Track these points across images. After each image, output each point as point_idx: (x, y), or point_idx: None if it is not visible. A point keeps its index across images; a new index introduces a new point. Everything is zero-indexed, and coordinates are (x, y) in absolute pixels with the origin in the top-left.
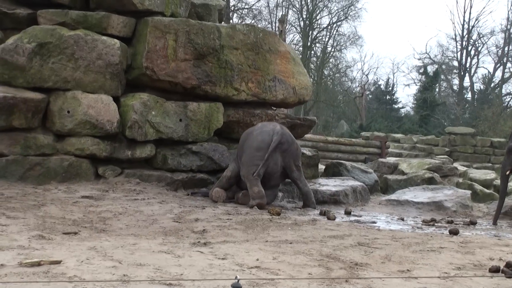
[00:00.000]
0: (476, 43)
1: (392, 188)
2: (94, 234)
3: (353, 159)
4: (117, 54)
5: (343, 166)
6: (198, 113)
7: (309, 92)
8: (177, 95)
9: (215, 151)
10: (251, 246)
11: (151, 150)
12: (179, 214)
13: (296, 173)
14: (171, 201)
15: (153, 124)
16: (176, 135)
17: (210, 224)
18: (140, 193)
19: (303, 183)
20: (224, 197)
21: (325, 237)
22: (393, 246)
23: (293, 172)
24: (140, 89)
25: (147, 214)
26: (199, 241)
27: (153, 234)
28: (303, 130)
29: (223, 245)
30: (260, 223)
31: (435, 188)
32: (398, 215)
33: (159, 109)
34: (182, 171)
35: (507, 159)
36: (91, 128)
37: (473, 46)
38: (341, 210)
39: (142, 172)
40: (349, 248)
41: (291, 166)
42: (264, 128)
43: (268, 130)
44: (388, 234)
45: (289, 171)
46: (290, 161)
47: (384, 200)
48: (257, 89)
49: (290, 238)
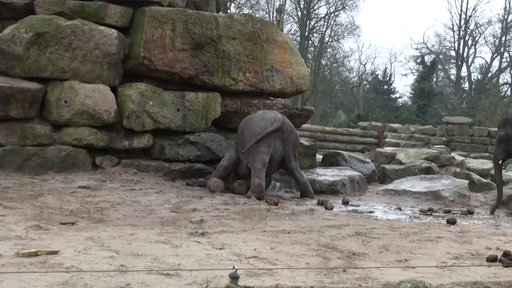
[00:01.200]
0: (473, 33)
1: (389, 178)
2: (92, 224)
3: (351, 149)
4: (115, 44)
5: (340, 156)
6: (195, 103)
7: (307, 82)
8: (175, 85)
9: (213, 141)
10: (248, 236)
11: (149, 140)
12: (177, 204)
13: (294, 163)
14: (169, 191)
15: (150, 114)
16: (174, 125)
17: (207, 214)
18: (138, 183)
19: (300, 173)
20: (222, 187)
21: (322, 227)
22: (390, 236)
23: (291, 162)
24: (137, 79)
25: (145, 204)
26: (196, 231)
27: (150, 224)
28: (300, 120)
29: (220, 235)
30: (257, 213)
31: (433, 178)
32: (396, 204)
33: (157, 99)
34: (179, 161)
35: (498, 148)
36: (88, 118)
37: (470, 36)
38: (338, 200)
39: (139, 162)
40: (347, 238)
41: (290, 156)
42: (266, 115)
43: (269, 117)
44: (386, 224)
45: (288, 160)
46: (289, 150)
47: (382, 190)
48: (255, 79)
49: (287, 228)
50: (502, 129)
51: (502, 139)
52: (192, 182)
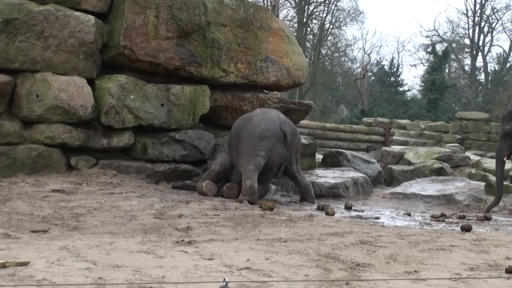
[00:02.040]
0: (489, 18)
1: (397, 180)
2: (66, 232)
3: (354, 147)
4: (92, 31)
5: (343, 156)
6: (181, 97)
7: (305, 74)
8: (159, 77)
9: (201, 139)
10: (240, 245)
11: (130, 138)
12: (161, 210)
13: (295, 166)
14: (152, 195)
15: (131, 109)
16: (157, 121)
17: (195, 221)
18: (117, 186)
19: (302, 176)
20: (215, 191)
21: (323, 235)
22: (398, 245)
23: (292, 165)
24: (117, 71)
25: (125, 209)
26: (183, 240)
27: (131, 232)
28: (298, 115)
29: (209, 244)
30: (251, 220)
31: (445, 179)
32: (404, 210)
33: (139, 92)
34: (164, 161)
35: (503, 143)
36: (62, 114)
37: (486, 22)
38: (340, 205)
39: (119, 163)
40: (350, 246)
41: (292, 159)
42: (267, 114)
43: (271, 117)
44: (393, 231)
45: (289, 163)
46: (292, 153)
47: (389, 193)
48: (247, 70)
49: (284, 236)
50: (508, 122)
51: (508, 133)
52: (178, 185)
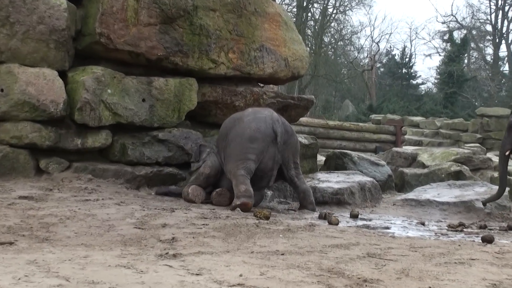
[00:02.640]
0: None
1: (409, 185)
2: (35, 244)
3: (361, 148)
4: (64, 17)
5: (348, 157)
6: (165, 91)
7: (305, 65)
8: (140, 68)
9: (187, 138)
10: (232, 258)
11: (107, 138)
12: (142, 219)
13: (293, 171)
14: (132, 202)
15: (109, 105)
16: (138, 119)
17: (181, 231)
18: (93, 192)
19: (301, 181)
20: (203, 197)
21: (325, 247)
22: (411, 258)
23: (290, 170)
24: (92, 62)
25: (102, 218)
26: (167, 253)
27: (109, 243)
28: (297, 112)
29: (197, 257)
30: (244, 230)
31: (464, 184)
32: (418, 218)
33: (117, 86)
34: (145, 164)
35: (507, 136)
36: (30, 111)
37: (511, 6)
38: (345, 213)
39: (95, 165)
40: (356, 260)
41: (289, 163)
42: (258, 114)
43: (263, 116)
44: (405, 243)
45: (286, 168)
46: (289, 156)
47: (400, 199)
48: (240, 60)
49: (282, 248)
50: None
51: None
52: (163, 190)
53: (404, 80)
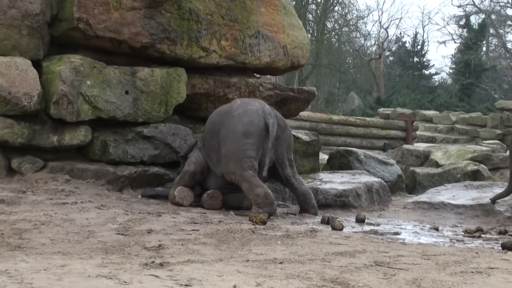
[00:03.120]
0: None
1: (422, 186)
2: (6, 252)
3: (368, 145)
4: (38, 0)
5: (353, 156)
6: (151, 82)
7: (306, 53)
8: (122, 57)
9: (176, 135)
10: (226, 267)
11: (86, 134)
12: (125, 224)
13: (289, 170)
14: (114, 206)
15: (88, 98)
16: (121, 113)
17: (168, 238)
18: (71, 195)
19: (299, 181)
20: (192, 199)
21: (328, 254)
22: (423, 267)
23: (285, 168)
24: (70, 50)
25: (81, 224)
26: (153, 261)
27: (88, 251)
28: (297, 105)
29: (186, 266)
30: (238, 236)
31: (482, 185)
32: (431, 223)
33: (97, 77)
34: (129, 163)
35: None
36: (1, 105)
37: None
38: (351, 217)
39: (73, 165)
40: (363, 269)
41: (283, 161)
42: (249, 106)
43: (255, 108)
44: (417, 250)
45: (281, 166)
46: (282, 152)
47: (411, 202)
48: (234, 48)
49: (280, 256)
50: None
51: None
52: (149, 193)
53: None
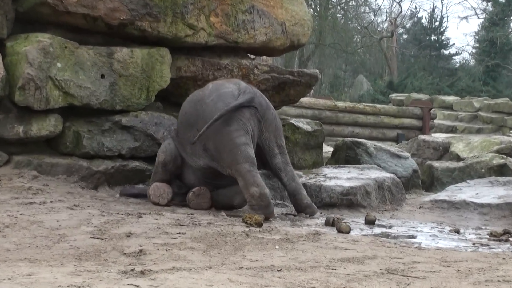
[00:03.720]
0: None
1: (440, 183)
2: None
3: (379, 136)
4: None
5: (362, 148)
6: (130, 64)
7: (307, 31)
8: (98, 36)
9: (159, 125)
10: (216, 275)
11: (56, 124)
12: (101, 226)
13: (280, 159)
14: (89, 206)
15: (59, 82)
16: (96, 100)
17: (150, 242)
18: (39, 193)
19: (290, 176)
20: (170, 195)
21: (333, 261)
22: (442, 275)
23: (274, 157)
24: (38, 28)
25: (50, 226)
26: (133, 269)
27: (59, 258)
28: (298, 90)
29: (171, 274)
30: (230, 240)
31: (510, 181)
32: (451, 224)
33: (69, 59)
34: (105, 157)
35: None
36: None
37: None
38: (359, 218)
39: (41, 159)
40: (373, 277)
41: (272, 147)
42: (222, 89)
43: (229, 91)
44: (435, 256)
45: (269, 155)
46: (269, 137)
47: (428, 201)
48: (225, 26)
49: (278, 263)
50: None
51: None
52: (128, 191)
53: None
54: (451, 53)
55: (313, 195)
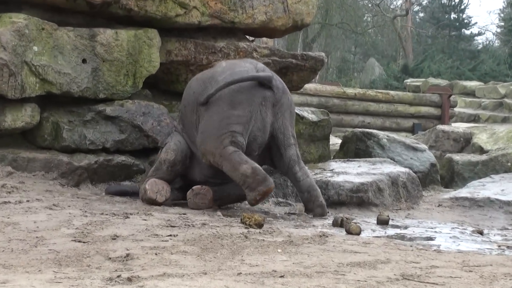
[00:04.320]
0: None
1: (461, 178)
2: None
3: (392, 126)
4: None
5: (373, 140)
6: (115, 48)
7: (312, 9)
8: (79, 17)
9: (147, 115)
10: (211, 282)
11: (33, 114)
12: (84, 228)
13: (295, 151)
14: (69, 205)
15: (35, 68)
16: (77, 87)
17: (138, 245)
18: (14, 192)
19: (304, 171)
20: (169, 194)
21: (342, 266)
22: (464, 281)
23: (289, 148)
24: (11, 7)
25: (27, 228)
26: (119, 275)
27: (37, 263)
28: (301, 76)
29: (161, 281)
30: (227, 242)
31: None
32: (473, 225)
33: (46, 42)
34: (88, 151)
35: None
36: None
37: None
38: (371, 218)
39: (17, 154)
40: (386, 284)
41: (287, 136)
42: (237, 68)
43: (244, 70)
44: (456, 259)
45: (283, 145)
46: (285, 124)
47: (448, 198)
48: (220, 4)
49: (280, 268)
50: None
51: None
52: (114, 188)
53: (452, 30)
54: (473, 33)
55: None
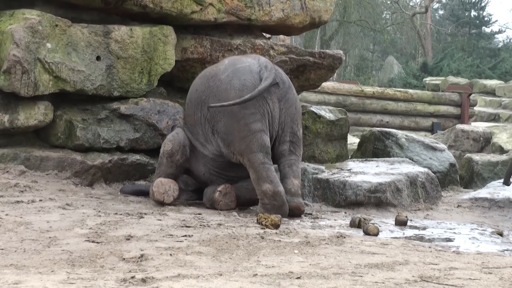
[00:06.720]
0: None
1: (481, 178)
2: None
3: (411, 125)
4: None
5: (392, 139)
6: (130, 45)
7: (330, 6)
8: (93, 13)
9: (162, 113)
10: (227, 283)
11: (46, 113)
12: (97, 228)
13: (287, 147)
14: (83, 205)
15: (49, 65)
16: (91, 85)
17: (153, 246)
18: (27, 191)
19: (289, 163)
20: (176, 193)
21: (360, 267)
22: (483, 283)
23: (283, 144)
24: (25, 3)
25: (40, 228)
26: (133, 276)
27: (50, 264)
28: (319, 74)
29: (176, 282)
30: (243, 243)
31: None
32: (493, 226)
33: (60, 38)
34: (102, 150)
35: None
36: None
37: None
38: (389, 219)
39: (30, 152)
40: (404, 286)
41: (285, 131)
42: (238, 64)
43: (246, 65)
44: (475, 261)
45: (279, 140)
46: (286, 120)
47: (467, 199)
48: (236, 1)
49: (297, 269)
50: None
51: None
52: (129, 188)
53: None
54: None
55: (336, 193)
